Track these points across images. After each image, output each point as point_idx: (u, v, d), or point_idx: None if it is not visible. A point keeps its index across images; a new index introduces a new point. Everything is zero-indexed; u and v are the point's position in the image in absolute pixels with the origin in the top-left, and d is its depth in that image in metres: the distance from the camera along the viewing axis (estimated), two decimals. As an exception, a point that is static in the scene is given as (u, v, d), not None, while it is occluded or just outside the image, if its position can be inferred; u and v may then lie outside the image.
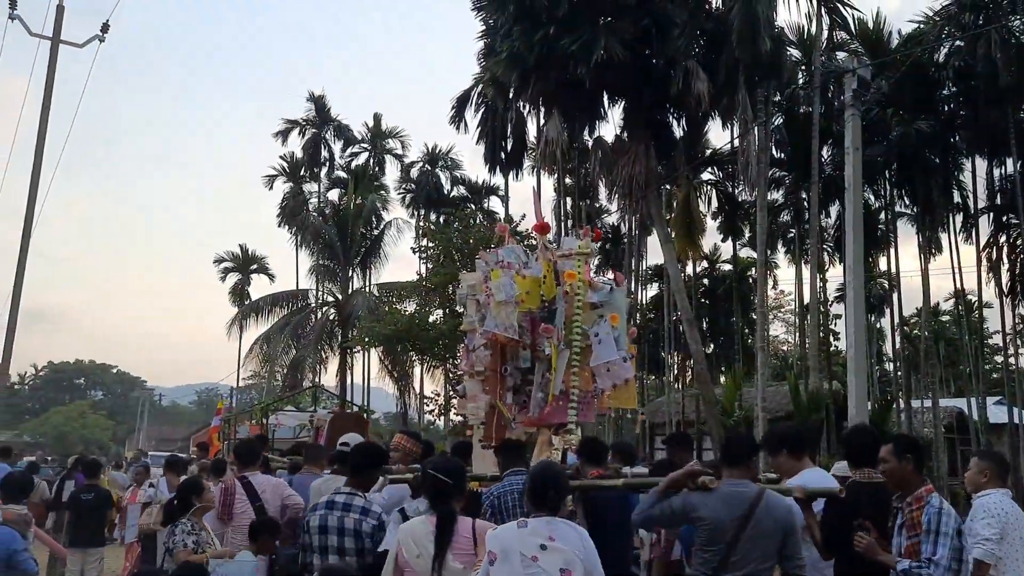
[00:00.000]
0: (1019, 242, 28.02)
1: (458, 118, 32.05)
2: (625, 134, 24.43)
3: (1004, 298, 29.58)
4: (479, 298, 7.03)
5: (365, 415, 20.27)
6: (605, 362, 6.58)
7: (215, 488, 6.33)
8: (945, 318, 44.75)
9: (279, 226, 42.43)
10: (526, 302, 6.72)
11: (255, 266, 48.18)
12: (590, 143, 27.09)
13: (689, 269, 37.85)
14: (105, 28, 16.22)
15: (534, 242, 23.92)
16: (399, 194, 42.82)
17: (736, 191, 32.45)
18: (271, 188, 44.17)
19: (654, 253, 36.47)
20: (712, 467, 4.62)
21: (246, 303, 43.29)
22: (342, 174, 43.72)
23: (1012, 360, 30.91)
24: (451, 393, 26.27)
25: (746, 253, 36.60)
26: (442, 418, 32.49)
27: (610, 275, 7.79)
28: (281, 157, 44.44)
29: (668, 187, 30.16)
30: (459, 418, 7.96)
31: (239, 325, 40.69)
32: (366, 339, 26.84)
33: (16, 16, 14.74)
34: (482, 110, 31.56)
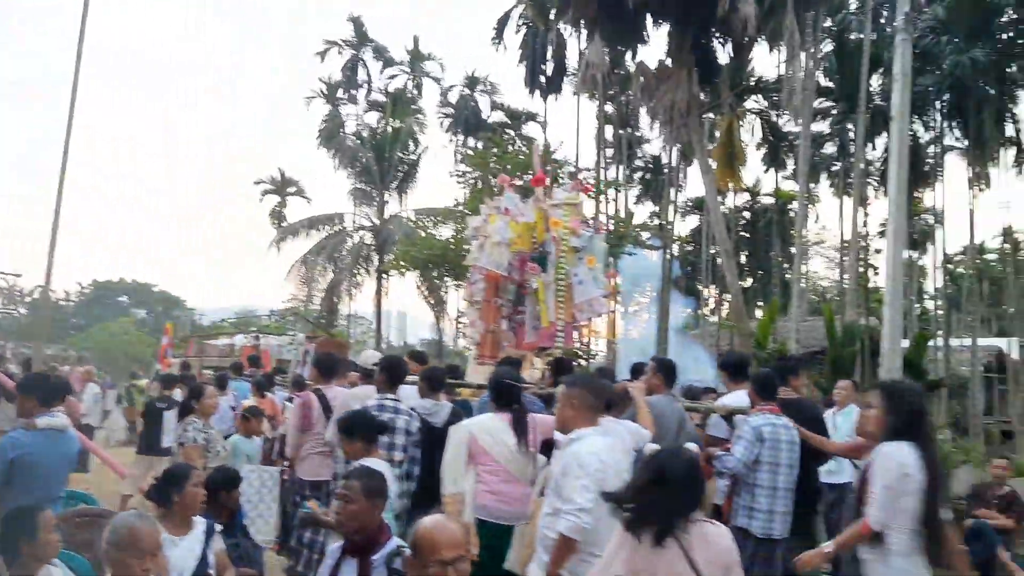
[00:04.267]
0: (1073, 178, 27.09)
1: (498, 39, 31.52)
2: (668, 59, 23.79)
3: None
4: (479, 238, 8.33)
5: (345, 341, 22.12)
6: (586, 299, 7.99)
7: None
8: (991, 256, 43.72)
9: (317, 148, 42.42)
10: (518, 244, 8.09)
11: (293, 188, 48.35)
12: (632, 68, 26.48)
13: (730, 201, 37.29)
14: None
15: (572, 168, 23.53)
16: (437, 118, 42.50)
17: (781, 121, 31.68)
18: (309, 110, 44.05)
19: (694, 184, 35.96)
20: None
21: (283, 225, 43.60)
22: (380, 97, 43.36)
23: (1057, 300, 30.25)
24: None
25: (789, 186, 35.92)
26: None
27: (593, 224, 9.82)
28: (320, 79, 44.19)
29: (711, 115, 29.52)
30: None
31: (277, 248, 41.10)
32: (402, 264, 26.95)
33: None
34: (523, 31, 30.95)
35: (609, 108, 31.92)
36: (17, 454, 4.58)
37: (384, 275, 35.85)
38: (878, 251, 39.13)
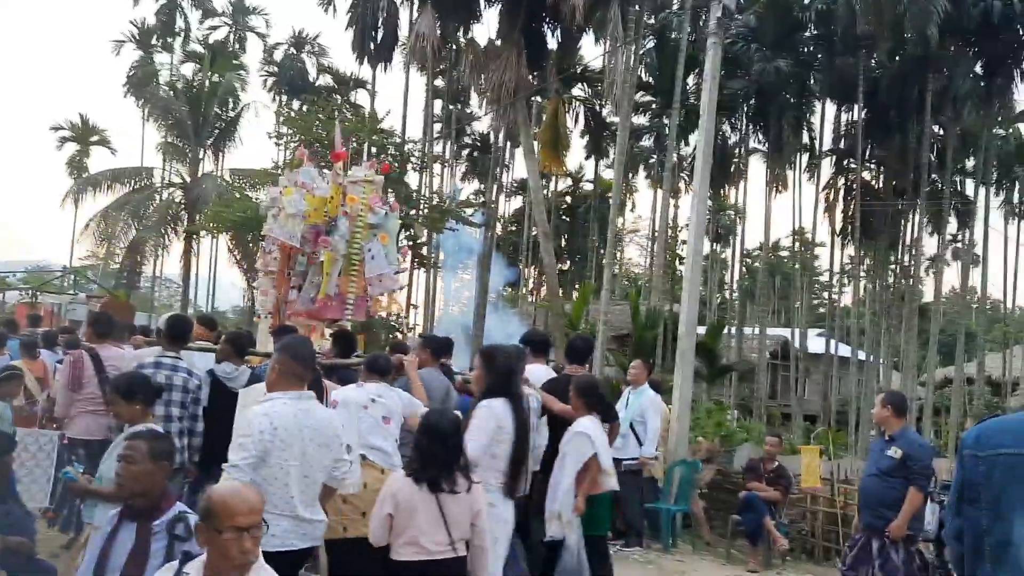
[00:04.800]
0: (854, 186, 29.90)
1: (327, 1, 30.56)
2: (499, 39, 24.00)
3: (835, 237, 31.63)
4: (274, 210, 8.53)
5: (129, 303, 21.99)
6: (377, 274, 8.33)
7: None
8: (783, 253, 47.56)
9: (125, 97, 39.56)
10: (312, 217, 8.30)
11: (96, 137, 44.87)
12: (464, 44, 26.52)
13: (553, 185, 38.29)
14: None
15: (398, 139, 23.53)
16: (260, 76, 40.77)
17: (604, 111, 32.80)
18: (118, 54, 40.95)
19: (520, 165, 36.62)
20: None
21: (83, 176, 40.41)
22: (198, 48, 40.97)
23: (836, 296, 33.34)
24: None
25: (609, 175, 37.36)
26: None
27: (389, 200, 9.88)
28: (131, 22, 41.10)
29: (538, 99, 30.11)
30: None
31: (74, 199, 38.00)
32: (213, 225, 25.70)
33: None
34: (353, -5, 30.22)
35: (440, 83, 31.84)
36: None
37: (194, 236, 34.07)
38: (685, 242, 41.61)
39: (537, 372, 6.18)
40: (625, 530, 8.63)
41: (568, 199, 42.25)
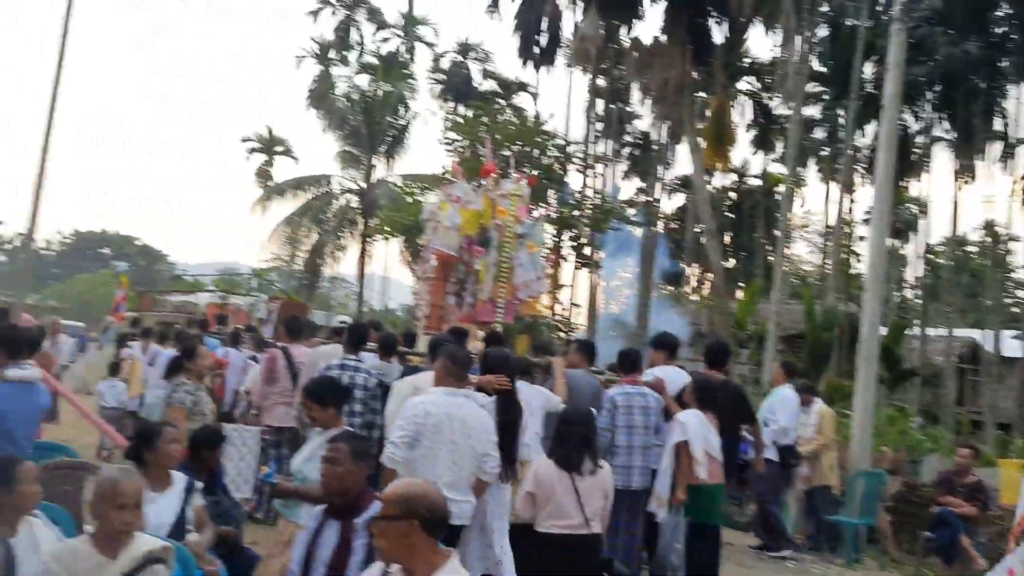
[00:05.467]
0: (1056, 176, 27.34)
1: (494, 7, 31.19)
2: (663, 36, 23.69)
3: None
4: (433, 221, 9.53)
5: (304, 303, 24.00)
6: (524, 280, 9.17)
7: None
8: (972, 249, 44.13)
9: (307, 109, 42.00)
10: (465, 229, 9.16)
11: (280, 148, 47.90)
12: (627, 43, 26.34)
13: (717, 181, 37.33)
14: None
15: (561, 141, 23.88)
16: (428, 84, 42.13)
17: (772, 104, 31.66)
18: (300, 69, 43.56)
19: (683, 162, 35.96)
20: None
21: (269, 184, 43.24)
22: (372, 60, 42.90)
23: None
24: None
25: (777, 169, 35.99)
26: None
27: (536, 213, 11.25)
28: (312, 38, 43.63)
29: (703, 94, 29.45)
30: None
31: (262, 206, 40.76)
32: (387, 228, 26.85)
33: None
34: (519, 1, 30.64)
35: (601, 82, 31.77)
36: None
37: (368, 239, 35.70)
38: (862, 238, 39.45)
39: (670, 374, 6.62)
40: (768, 531, 8.39)
41: (733, 195, 41.02)
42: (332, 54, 43.09)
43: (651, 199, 33.28)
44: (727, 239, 39.40)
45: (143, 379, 10.26)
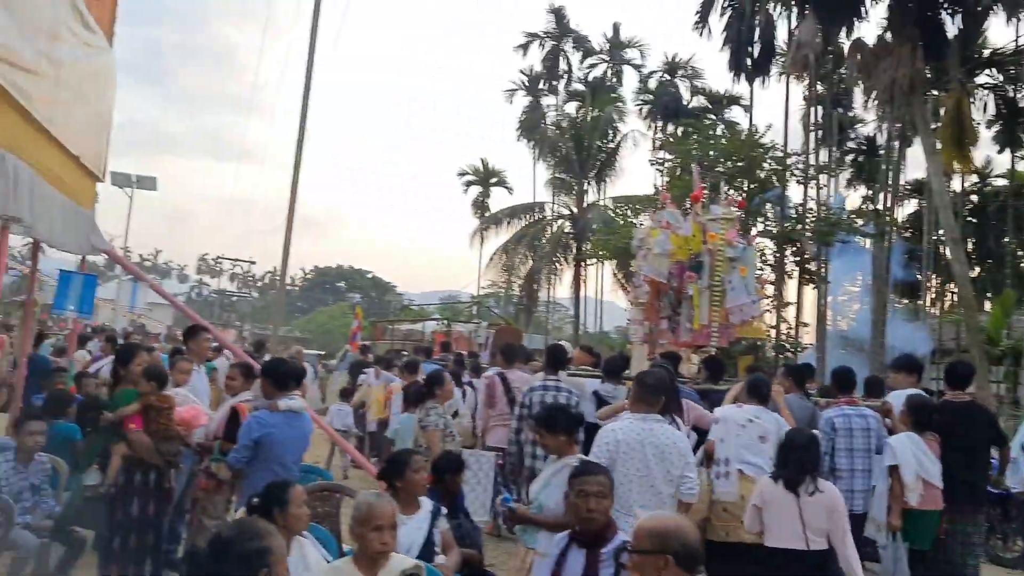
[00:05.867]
0: None
1: (702, 23, 30.64)
2: (888, 34, 22.18)
3: None
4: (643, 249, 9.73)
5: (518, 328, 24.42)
6: (737, 304, 9.15)
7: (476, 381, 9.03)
8: None
9: (518, 140, 43.30)
10: (677, 255, 9.37)
11: (495, 179, 49.67)
12: (846, 46, 24.92)
13: (955, 184, 34.30)
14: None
15: (778, 153, 23.10)
16: (636, 105, 42.09)
17: (1018, 96, 28.71)
18: (511, 102, 45.03)
19: (913, 166, 33.39)
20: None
21: (486, 215, 44.88)
22: (580, 86, 43.57)
23: None
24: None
25: (1025, 167, 32.55)
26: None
27: (748, 235, 11.35)
28: (521, 71, 45.03)
29: (935, 92, 27.26)
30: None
31: (479, 236, 42.42)
32: (600, 252, 26.97)
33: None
34: (728, 14, 29.94)
35: (820, 87, 30.27)
36: (262, 433, 4.96)
37: (582, 263, 36.09)
38: None
39: (899, 397, 6.45)
40: None
41: (974, 198, 37.48)
42: (541, 85, 44.19)
43: (879, 207, 31.12)
44: (969, 246, 36.01)
45: (380, 402, 10.91)
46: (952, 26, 22.61)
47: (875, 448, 6.15)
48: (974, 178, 36.80)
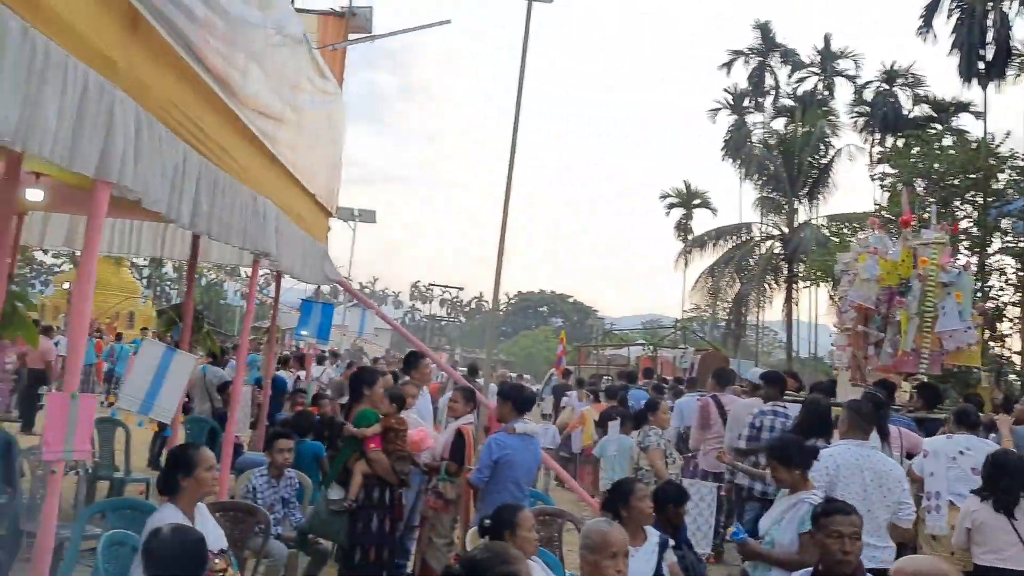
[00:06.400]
0: None
1: (926, 27, 28.66)
2: None
3: None
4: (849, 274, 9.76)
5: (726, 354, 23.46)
6: (949, 330, 8.93)
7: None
8: None
9: (722, 159, 42.36)
10: (885, 280, 9.31)
11: (698, 201, 48.81)
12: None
13: None
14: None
15: (1020, 162, 21.34)
16: (851, 118, 39.87)
17: None
18: (715, 122, 44.20)
19: None
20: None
21: (690, 237, 44.15)
22: (788, 102, 41.98)
23: None
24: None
25: None
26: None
27: (960, 261, 11.05)
28: (724, 89, 44.12)
29: None
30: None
31: (683, 259, 41.77)
32: (816, 273, 25.72)
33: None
34: (955, 16, 27.78)
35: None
36: (501, 454, 5.23)
37: (794, 285, 34.56)
38: None
39: None
40: None
41: None
42: (746, 102, 43.04)
43: None
44: None
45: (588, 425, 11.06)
46: None
47: None
48: None
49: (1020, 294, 20.20)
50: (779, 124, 41.86)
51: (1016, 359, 22.01)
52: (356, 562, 5.38)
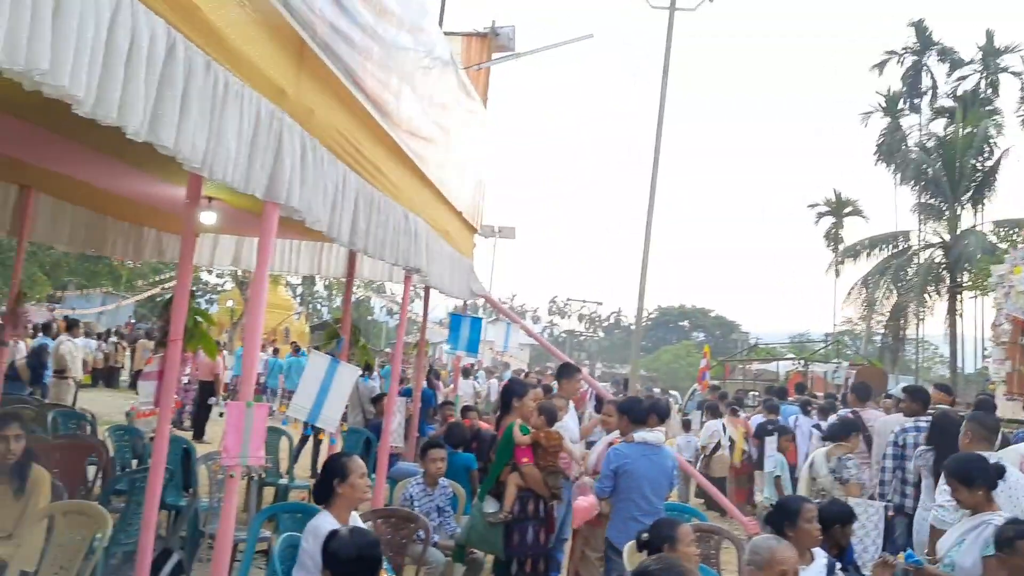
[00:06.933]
0: None
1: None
2: None
3: None
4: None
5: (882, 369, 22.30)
6: None
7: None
8: None
9: (875, 165, 40.32)
10: None
11: (849, 209, 46.64)
12: None
13: None
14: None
15: None
16: (1018, 116, 37.05)
17: None
18: (866, 126, 42.15)
19: None
20: None
21: (840, 247, 42.25)
22: (947, 102, 39.52)
23: None
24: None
25: None
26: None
27: None
28: (877, 92, 42.02)
29: None
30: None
31: (835, 270, 39.99)
32: (984, 283, 24.05)
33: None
34: None
35: None
36: (619, 463, 5.35)
37: (958, 296, 32.42)
38: None
39: None
40: None
41: None
42: (901, 104, 40.86)
43: None
44: None
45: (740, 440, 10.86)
46: None
47: None
48: None
49: None
50: (938, 126, 39.48)
51: None
52: (513, 574, 5.46)
